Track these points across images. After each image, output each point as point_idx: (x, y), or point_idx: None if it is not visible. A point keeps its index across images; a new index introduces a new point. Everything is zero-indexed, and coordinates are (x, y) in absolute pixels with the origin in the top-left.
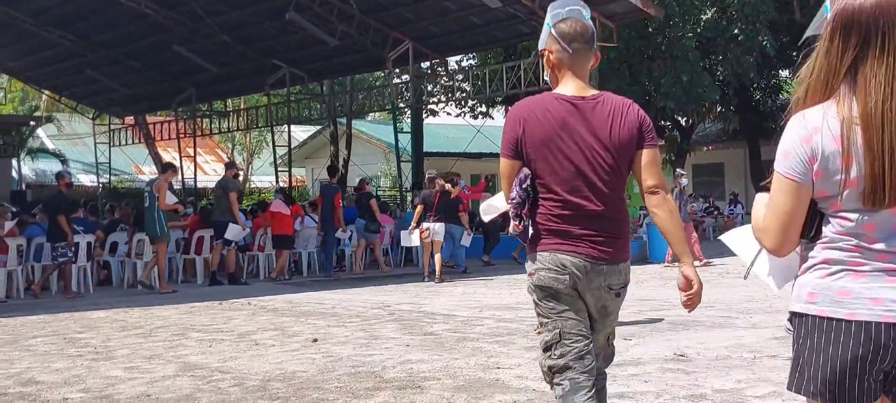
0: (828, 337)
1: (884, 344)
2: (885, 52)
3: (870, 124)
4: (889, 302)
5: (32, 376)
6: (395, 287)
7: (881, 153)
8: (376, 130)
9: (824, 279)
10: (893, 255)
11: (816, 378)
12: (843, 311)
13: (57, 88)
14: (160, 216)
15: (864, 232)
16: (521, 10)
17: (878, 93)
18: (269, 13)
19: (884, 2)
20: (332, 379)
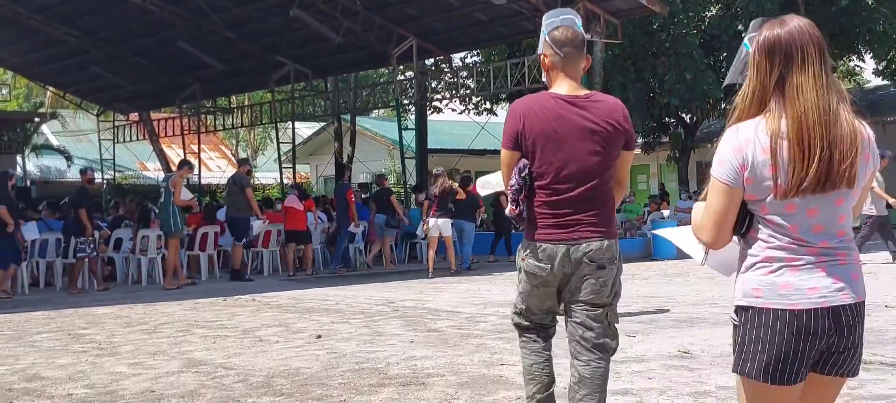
0: (773, 326)
1: (821, 327)
2: (805, 64)
3: (803, 125)
4: (824, 289)
5: (37, 372)
6: (399, 283)
7: (812, 147)
8: (380, 127)
9: (768, 276)
10: (820, 248)
11: (759, 361)
12: (787, 303)
13: (61, 85)
14: (175, 211)
15: (790, 231)
16: (526, 7)
17: (806, 99)
18: (274, 9)
19: (794, 30)
20: (336, 376)
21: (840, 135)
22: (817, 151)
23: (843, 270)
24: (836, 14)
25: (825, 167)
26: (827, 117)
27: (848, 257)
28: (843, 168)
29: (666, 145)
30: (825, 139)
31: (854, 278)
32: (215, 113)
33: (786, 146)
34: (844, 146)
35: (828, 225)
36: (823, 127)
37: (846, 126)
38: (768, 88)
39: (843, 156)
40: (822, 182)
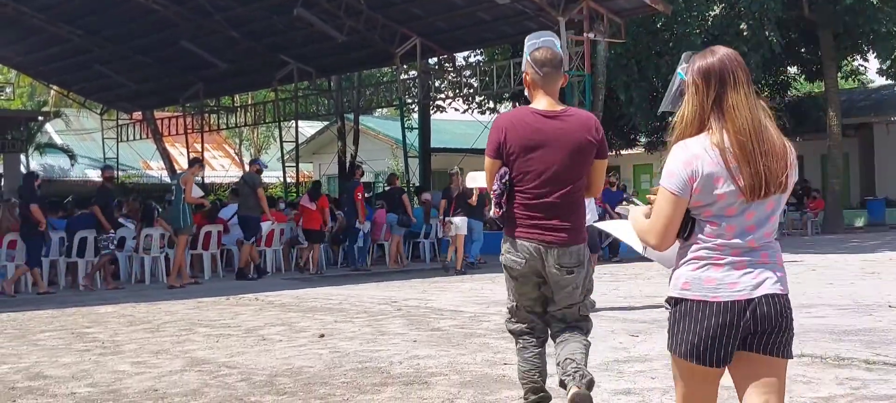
0: (700, 314)
1: (739, 316)
2: (737, 86)
3: (743, 138)
4: (743, 284)
5: (41, 370)
6: (402, 282)
7: (754, 158)
8: (384, 126)
9: (695, 271)
10: (742, 250)
11: (688, 343)
12: (711, 295)
13: (65, 84)
14: (186, 208)
15: (725, 232)
16: (529, 6)
17: (743, 116)
18: (277, 8)
19: (724, 57)
20: (338, 375)
21: (772, 146)
22: (758, 161)
23: (764, 268)
24: (840, 13)
25: (764, 175)
26: (760, 131)
27: (770, 256)
28: (778, 175)
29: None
30: (762, 150)
31: (775, 275)
32: (219, 112)
33: (732, 157)
34: (777, 156)
35: (759, 227)
36: (758, 139)
37: (776, 138)
38: (707, 109)
39: (778, 165)
40: (762, 188)
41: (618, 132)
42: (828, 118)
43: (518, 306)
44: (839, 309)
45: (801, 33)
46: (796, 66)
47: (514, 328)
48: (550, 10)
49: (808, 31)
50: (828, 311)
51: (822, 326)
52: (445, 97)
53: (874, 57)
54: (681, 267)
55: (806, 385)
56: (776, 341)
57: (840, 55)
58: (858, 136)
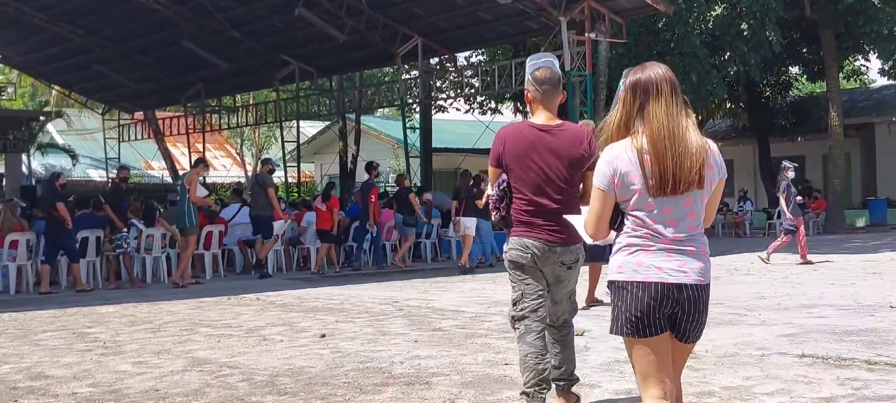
0: (632, 294)
1: (665, 296)
2: (658, 97)
3: (657, 140)
4: (668, 269)
5: (42, 370)
6: (403, 283)
7: (666, 157)
8: (385, 126)
9: (627, 257)
10: (671, 239)
11: (626, 320)
12: (639, 277)
13: (67, 84)
14: (190, 208)
15: (650, 223)
16: (530, 6)
17: (659, 121)
18: (279, 8)
19: (651, 74)
20: (340, 375)
21: (688, 148)
22: (668, 160)
23: (688, 257)
24: (841, 13)
25: (675, 173)
26: (675, 134)
27: (695, 247)
28: (691, 174)
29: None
30: (673, 151)
31: (698, 265)
32: (220, 112)
33: (647, 159)
34: (692, 156)
35: (678, 220)
36: (672, 142)
37: (695, 141)
38: (632, 115)
39: (692, 164)
40: (673, 184)
41: None
42: (829, 118)
43: (523, 294)
44: (840, 310)
45: (802, 33)
46: (798, 66)
47: (517, 314)
48: (552, 9)
49: (810, 30)
50: (829, 311)
51: (824, 326)
52: (447, 97)
53: (876, 57)
54: (616, 254)
55: (807, 386)
56: (689, 328)
57: (842, 55)
58: (860, 136)
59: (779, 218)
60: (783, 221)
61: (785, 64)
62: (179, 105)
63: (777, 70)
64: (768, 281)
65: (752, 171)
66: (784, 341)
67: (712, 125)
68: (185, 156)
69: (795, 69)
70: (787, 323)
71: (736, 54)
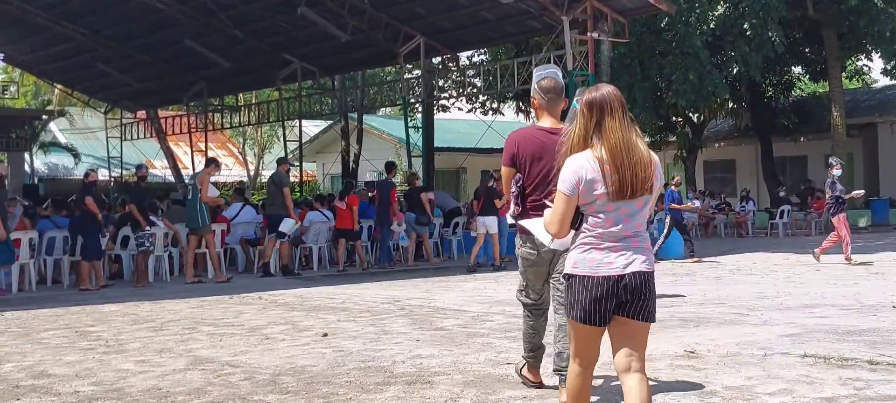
0: (585, 286)
1: (613, 287)
2: (613, 115)
3: (616, 153)
4: (617, 264)
5: (45, 369)
6: (405, 282)
7: (624, 167)
8: (387, 125)
9: (581, 253)
10: (618, 237)
11: (579, 308)
12: (592, 272)
13: (69, 82)
14: (203, 208)
15: (604, 223)
16: (533, 6)
17: (616, 136)
18: (281, 7)
19: (605, 93)
20: (342, 374)
21: (639, 159)
22: (626, 170)
23: (634, 251)
24: (844, 12)
25: (632, 181)
26: (629, 147)
27: (640, 243)
28: (644, 181)
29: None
30: (628, 162)
31: (643, 256)
32: (222, 111)
33: (607, 168)
34: (643, 166)
35: (631, 219)
36: (627, 154)
37: (643, 153)
38: (590, 130)
39: (644, 173)
40: (629, 190)
41: None
42: (832, 118)
43: (528, 285)
44: (842, 310)
45: (805, 33)
46: (801, 66)
47: (524, 300)
48: (554, 9)
49: (813, 30)
50: (831, 311)
51: (826, 326)
52: (449, 96)
53: (878, 57)
54: (572, 250)
55: (809, 386)
56: (641, 308)
57: (844, 55)
58: (862, 136)
59: (780, 218)
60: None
61: (787, 64)
62: (182, 104)
63: (780, 70)
64: (770, 280)
65: (755, 171)
66: (786, 341)
67: (714, 125)
68: (187, 155)
69: (798, 69)
70: (790, 322)
71: (738, 54)
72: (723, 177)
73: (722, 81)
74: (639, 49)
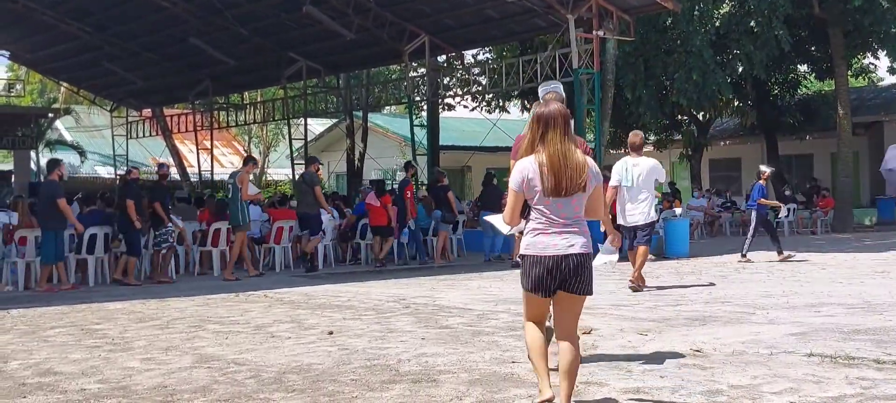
0: (534, 263)
1: (556, 266)
2: (556, 128)
3: (553, 160)
4: (559, 246)
5: (51, 366)
6: (410, 280)
7: (559, 171)
8: (392, 124)
9: (531, 238)
10: (559, 225)
11: (530, 281)
12: (539, 252)
13: (75, 80)
14: (243, 206)
15: (547, 212)
16: (538, 4)
17: (555, 146)
18: (286, 6)
19: (552, 111)
20: (347, 372)
21: (574, 164)
22: (561, 174)
23: (572, 236)
24: (849, 11)
25: (566, 182)
26: (565, 155)
27: (578, 228)
28: (577, 182)
29: (678, 143)
30: (563, 167)
31: (581, 240)
32: (228, 109)
33: (545, 170)
34: (577, 171)
35: (567, 212)
36: (563, 160)
37: (578, 160)
38: (536, 139)
39: (576, 176)
40: (563, 190)
41: (627, 130)
42: (838, 116)
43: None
44: (849, 309)
45: (811, 31)
46: (806, 64)
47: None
48: (559, 7)
49: (819, 28)
50: (837, 310)
51: (832, 325)
52: (454, 95)
53: (885, 55)
54: (525, 236)
55: (816, 385)
56: (576, 284)
57: (850, 53)
58: (869, 135)
59: (786, 216)
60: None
61: (793, 62)
62: (187, 102)
63: (785, 68)
64: (776, 279)
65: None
66: (792, 340)
67: (720, 123)
68: (192, 153)
69: (804, 67)
70: (795, 321)
71: (743, 52)
72: (728, 176)
73: (725, 80)
74: (643, 48)
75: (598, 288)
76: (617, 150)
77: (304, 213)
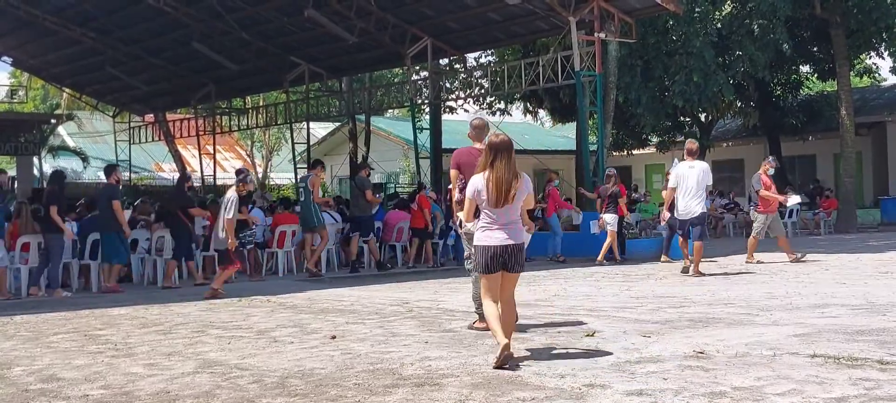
0: (483, 252)
1: (499, 253)
2: (501, 157)
3: (498, 180)
4: (501, 238)
5: (54, 372)
6: (414, 283)
7: (499, 188)
8: (395, 127)
9: (480, 233)
10: (500, 224)
11: (480, 264)
12: (486, 243)
13: (78, 86)
14: (316, 207)
15: (492, 216)
16: (540, 6)
17: (499, 171)
18: (288, 10)
19: (502, 142)
20: (350, 376)
21: (509, 183)
22: (501, 190)
23: (510, 232)
24: (851, 8)
25: (504, 196)
26: (505, 177)
27: (515, 226)
28: (511, 197)
29: (681, 144)
30: (502, 184)
31: (516, 234)
32: (230, 113)
33: (492, 186)
34: (512, 188)
35: (505, 216)
36: (504, 182)
37: (512, 179)
38: (487, 163)
39: (513, 192)
40: (502, 202)
41: (630, 132)
42: (841, 117)
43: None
44: (852, 309)
45: (813, 32)
46: (809, 65)
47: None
48: (561, 9)
49: (821, 29)
50: (841, 311)
51: (835, 326)
52: (457, 98)
53: (888, 55)
54: (476, 231)
55: (819, 386)
56: (514, 264)
57: (853, 53)
58: (871, 135)
59: (789, 217)
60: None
61: (795, 63)
62: (190, 107)
63: (787, 69)
64: (779, 280)
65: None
66: (795, 341)
67: (722, 124)
68: (195, 158)
69: (806, 68)
70: (799, 322)
71: (745, 54)
72: (731, 177)
73: (727, 82)
74: (641, 49)
75: (600, 292)
76: (619, 152)
77: (356, 217)
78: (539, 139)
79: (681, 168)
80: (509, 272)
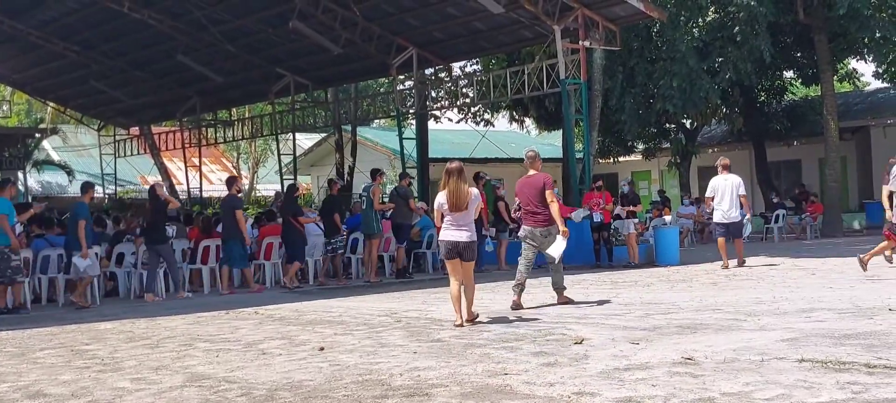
0: (445, 245)
1: (456, 246)
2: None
3: (451, 193)
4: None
5: (40, 388)
6: (402, 294)
7: (454, 199)
8: (381, 137)
9: (444, 231)
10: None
11: (443, 252)
12: (447, 238)
13: (62, 100)
14: (376, 215)
15: (451, 220)
16: (525, 15)
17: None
18: (273, 21)
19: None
20: (339, 388)
21: (462, 195)
22: (455, 200)
23: (464, 230)
24: (834, 18)
25: (458, 205)
26: (460, 192)
27: (468, 228)
28: (463, 205)
29: (666, 151)
30: (456, 196)
31: (468, 232)
32: (216, 125)
33: (450, 196)
34: (465, 199)
35: (460, 220)
36: (456, 194)
37: (464, 192)
38: (447, 182)
39: (463, 202)
40: (456, 209)
41: (615, 139)
42: (825, 121)
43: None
44: (839, 313)
45: (796, 37)
46: (792, 71)
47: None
48: (546, 18)
49: (804, 35)
50: (827, 315)
51: (822, 330)
52: (442, 107)
53: (870, 60)
54: (441, 230)
55: (807, 390)
56: (468, 255)
57: (836, 58)
58: (856, 139)
59: (776, 223)
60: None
61: (780, 68)
62: (175, 119)
63: (771, 74)
64: (767, 285)
65: (749, 176)
66: (783, 345)
67: (708, 131)
68: (180, 170)
69: (790, 73)
70: (786, 327)
71: (728, 60)
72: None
73: (712, 87)
74: (626, 55)
75: (589, 299)
76: (605, 159)
77: (397, 224)
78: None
79: (716, 181)
80: (464, 261)
